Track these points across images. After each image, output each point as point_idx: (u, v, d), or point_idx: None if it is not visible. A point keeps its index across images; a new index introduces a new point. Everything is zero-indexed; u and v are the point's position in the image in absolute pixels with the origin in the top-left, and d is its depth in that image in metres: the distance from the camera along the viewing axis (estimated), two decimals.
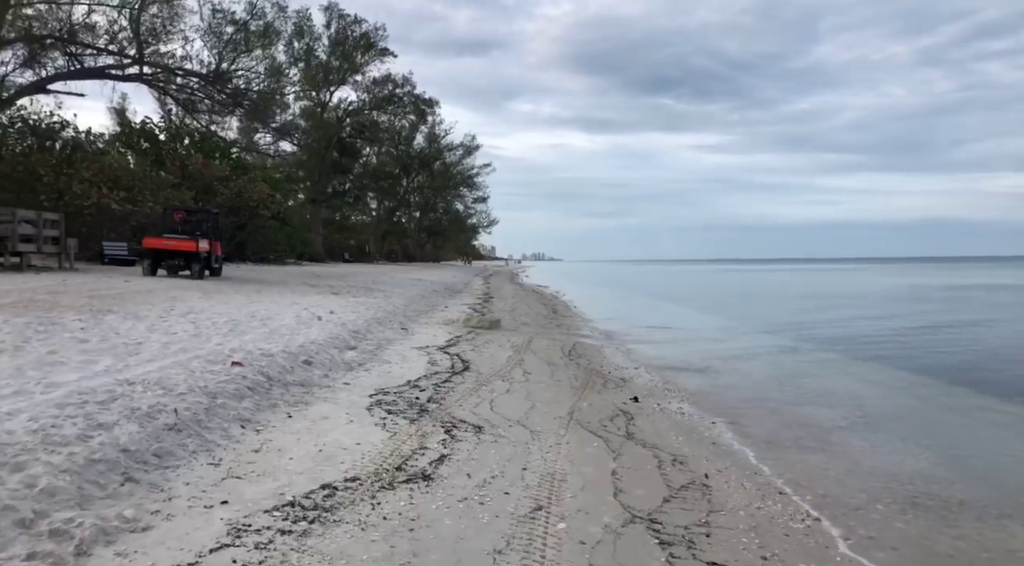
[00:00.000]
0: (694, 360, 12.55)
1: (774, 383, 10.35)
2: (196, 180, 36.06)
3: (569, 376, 9.59)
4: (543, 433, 6.14)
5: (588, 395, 8.30)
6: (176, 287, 15.30)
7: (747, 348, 14.72)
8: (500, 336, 13.62)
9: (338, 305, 14.82)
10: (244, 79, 25.30)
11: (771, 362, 12.69)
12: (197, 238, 18.38)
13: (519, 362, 10.36)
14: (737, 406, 8.46)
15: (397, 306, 16.91)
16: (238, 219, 38.65)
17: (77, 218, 25.42)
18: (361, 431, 5.62)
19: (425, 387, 7.71)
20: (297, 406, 6.36)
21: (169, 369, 6.28)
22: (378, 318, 13.61)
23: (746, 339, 16.61)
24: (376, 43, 56.33)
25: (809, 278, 67.91)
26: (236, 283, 18.62)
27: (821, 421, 7.77)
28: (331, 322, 11.53)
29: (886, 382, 10.89)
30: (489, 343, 12.31)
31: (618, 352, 13.10)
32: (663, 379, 10.18)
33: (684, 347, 14.58)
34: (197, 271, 18.23)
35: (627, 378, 9.94)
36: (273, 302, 14.20)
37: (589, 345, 13.70)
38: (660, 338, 16.09)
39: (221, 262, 20.67)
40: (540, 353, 11.68)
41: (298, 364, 7.82)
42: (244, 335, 8.84)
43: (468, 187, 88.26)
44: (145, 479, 4.04)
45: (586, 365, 10.88)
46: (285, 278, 23.50)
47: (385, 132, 65.61)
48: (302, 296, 16.55)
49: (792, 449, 6.51)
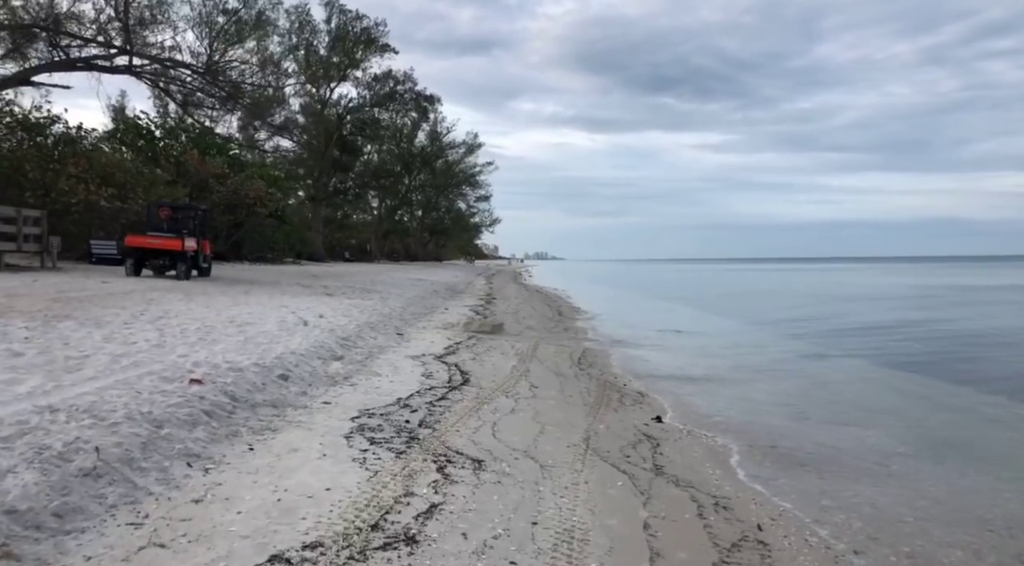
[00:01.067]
0: (715, 369, 11.52)
1: (808, 397, 9.32)
2: (191, 177, 35.17)
3: (581, 390, 8.57)
4: (556, 468, 5.13)
5: (604, 414, 7.28)
6: (157, 288, 14.31)
7: (769, 355, 13.68)
8: (503, 342, 12.61)
9: (329, 308, 13.82)
10: (237, 72, 24.28)
11: (799, 372, 11.65)
12: (183, 236, 17.38)
13: (524, 373, 9.34)
14: (774, 426, 7.43)
15: (394, 309, 15.91)
16: (234, 217, 37.74)
17: (65, 216, 24.51)
18: (334, 470, 4.60)
19: (417, 406, 6.70)
20: (263, 434, 5.35)
21: (110, 390, 5.27)
22: (372, 322, 12.60)
23: (765, 344, 15.57)
24: (377, 39, 55.31)
25: (815, 278, 66.79)
26: (224, 284, 17.63)
27: (874, 445, 6.73)
28: (318, 328, 10.52)
29: (929, 395, 9.85)
30: (491, 350, 11.29)
31: (631, 359, 12.08)
32: (685, 393, 9.16)
33: (702, 354, 13.55)
34: (183, 271, 17.22)
35: (645, 392, 8.92)
36: (259, 305, 13.20)
37: (599, 352, 12.68)
38: (674, 343, 15.06)
39: (210, 262, 19.68)
40: (547, 362, 10.67)
41: (272, 379, 6.81)
42: (215, 345, 7.83)
43: (470, 185, 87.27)
44: (30, 553, 3.03)
45: (598, 376, 9.86)
46: (279, 278, 22.51)
47: (386, 129, 64.62)
48: (292, 298, 15.55)
49: (851, 483, 5.48)
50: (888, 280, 57.51)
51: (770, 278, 68.25)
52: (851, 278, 65.03)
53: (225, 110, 25.34)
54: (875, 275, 72.40)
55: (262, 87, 25.13)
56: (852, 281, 57.93)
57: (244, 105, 26.73)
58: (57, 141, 27.14)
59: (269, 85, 25.59)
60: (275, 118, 33.40)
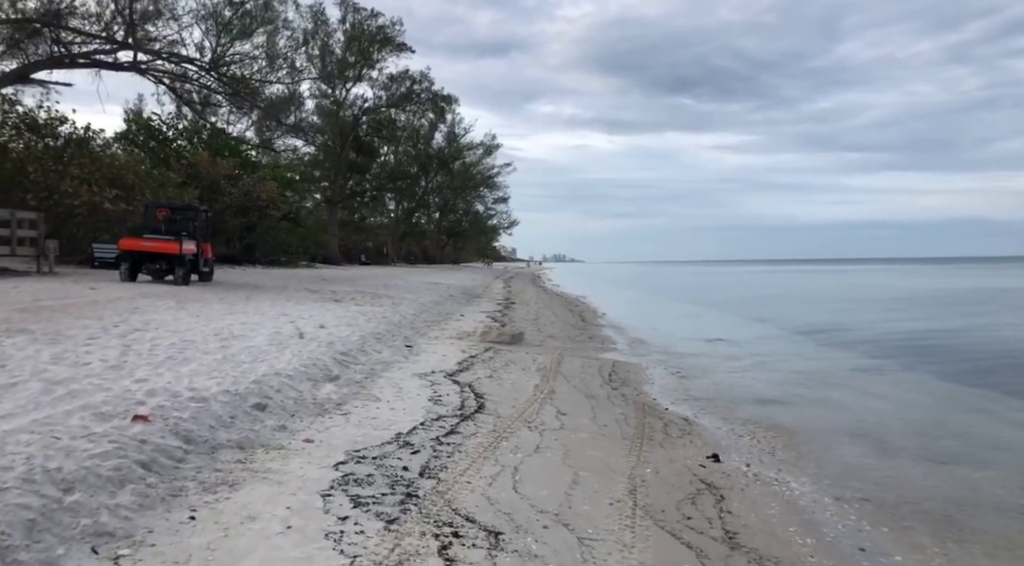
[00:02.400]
0: (765, 387, 10.17)
1: (884, 423, 7.95)
2: (202, 179, 34.34)
3: (616, 416, 7.28)
4: (598, 542, 3.84)
5: (648, 451, 5.99)
6: (148, 295, 13.22)
7: (819, 368, 12.28)
8: (523, 354, 11.34)
9: (333, 316, 12.64)
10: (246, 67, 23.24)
11: (860, 388, 10.26)
12: (182, 239, 16.32)
13: (549, 394, 8.07)
14: (857, 465, 6.09)
15: (405, 316, 14.71)
16: (246, 220, 36.86)
17: (69, 219, 23.66)
18: (297, 555, 3.36)
19: (420, 445, 5.44)
20: (216, 491, 4.12)
21: (18, 435, 4.07)
22: (378, 333, 11.39)
23: (811, 355, 14.17)
24: (393, 38, 54.31)
25: (840, 280, 64.80)
26: (225, 289, 16.54)
27: (997, 495, 5.37)
28: (316, 340, 9.32)
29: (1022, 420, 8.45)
30: (510, 365, 10.02)
31: (667, 374, 10.76)
32: (736, 418, 7.84)
33: (744, 368, 12.19)
34: (181, 276, 16.15)
35: (691, 418, 7.61)
36: (257, 313, 12.06)
37: (631, 365, 11.36)
38: (712, 354, 13.70)
39: (212, 265, 18.61)
40: (574, 379, 9.38)
41: (244, 411, 5.60)
42: (185, 365, 6.64)
43: (488, 187, 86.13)
44: None
45: (634, 397, 8.57)
46: (287, 283, 21.42)
47: (402, 130, 63.64)
48: (297, 304, 14.41)
49: (990, 560, 4.15)
50: (917, 282, 55.50)
51: (794, 280, 66.37)
52: (877, 280, 62.98)
53: (236, 108, 24.26)
54: (901, 277, 70.19)
55: (269, 83, 24.05)
56: (880, 283, 55.97)
57: (254, 103, 25.65)
58: (67, 142, 26.40)
59: (278, 81, 24.57)
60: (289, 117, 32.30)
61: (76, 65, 22.68)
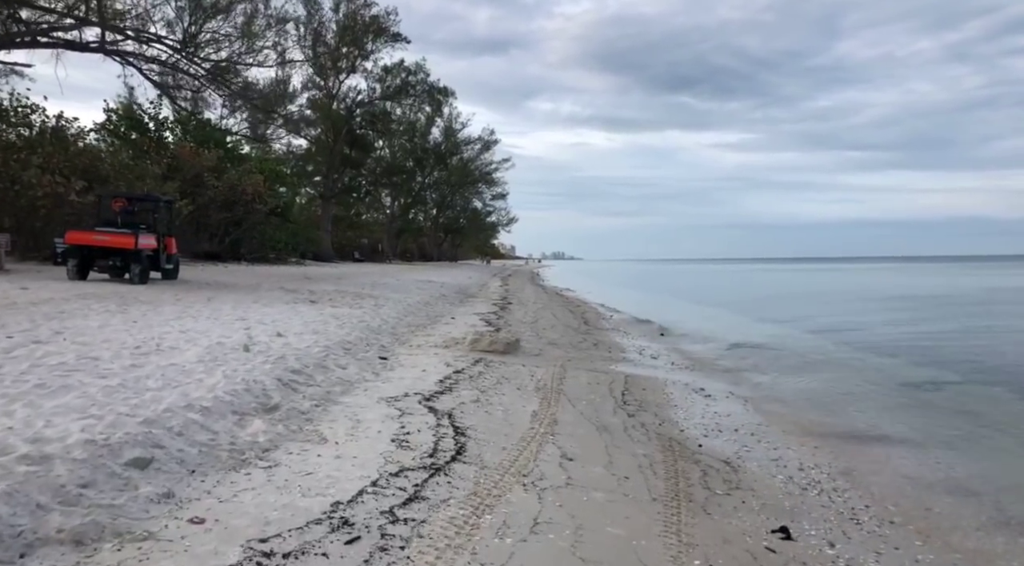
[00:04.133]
0: (810, 409, 8.45)
1: (986, 474, 6.23)
2: (184, 171, 32.64)
3: (639, 461, 5.56)
4: None
5: (691, 522, 4.27)
6: (89, 296, 11.49)
7: (867, 380, 10.56)
8: (519, 366, 9.62)
9: (300, 322, 10.91)
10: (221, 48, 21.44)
11: (921, 410, 8.56)
12: (139, 232, 14.55)
13: (550, 426, 6.34)
14: (987, 551, 4.38)
15: (386, 320, 12.99)
16: (232, 215, 35.15)
17: (32, 211, 21.97)
18: None
19: (364, 526, 3.70)
20: None
21: None
22: (349, 341, 9.67)
23: (851, 363, 12.46)
24: (388, 28, 52.51)
25: (845, 278, 63.14)
26: (188, 289, 14.79)
27: None
28: (265, 354, 7.59)
29: None
30: (503, 383, 8.30)
31: (690, 392, 9.04)
32: (791, 459, 6.12)
33: (778, 382, 10.47)
34: (138, 274, 14.38)
35: (733, 460, 5.90)
36: (209, 319, 10.33)
37: (645, 380, 9.63)
38: (736, 364, 11.98)
39: (176, 262, 16.83)
40: (580, 401, 7.66)
41: (111, 471, 3.86)
42: (55, 396, 4.90)
43: (486, 183, 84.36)
44: None
45: (656, 427, 6.85)
46: (264, 281, 19.65)
47: (398, 124, 61.83)
48: (264, 307, 12.69)
49: None
50: (926, 281, 53.85)
51: (798, 279, 64.68)
52: (883, 278, 61.31)
53: (220, 96, 22.43)
54: (907, 275, 68.53)
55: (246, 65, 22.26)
56: (888, 282, 54.29)
57: (229, 87, 23.83)
58: (41, 132, 24.79)
59: (259, 64, 22.77)
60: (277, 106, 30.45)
61: (37, 44, 20.92)
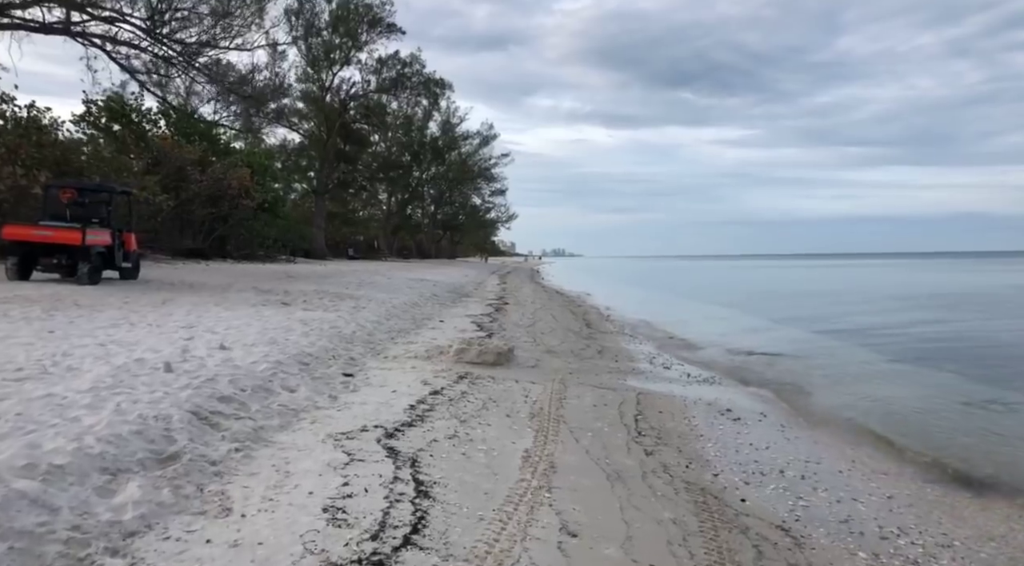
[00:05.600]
0: (861, 433, 6.92)
1: None
2: (165, 164, 31.14)
3: (668, 533, 4.02)
4: None
5: None
6: (15, 299, 9.97)
7: (925, 397, 9.03)
8: (512, 383, 8.09)
9: (258, 329, 9.38)
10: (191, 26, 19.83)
11: (1001, 437, 7.04)
12: (88, 226, 13.02)
13: (547, 477, 4.81)
14: None
15: (363, 325, 11.46)
16: (217, 210, 33.66)
17: None
18: None
19: None
20: None
21: None
22: (310, 354, 8.15)
23: (898, 375, 10.94)
24: (383, 18, 50.91)
25: (849, 275, 61.54)
26: (143, 291, 13.26)
27: None
28: (190, 375, 6.06)
29: None
30: (490, 408, 6.76)
31: (716, 415, 7.51)
32: (865, 517, 4.60)
33: (814, 396, 8.93)
34: (86, 273, 12.85)
35: (789, 523, 4.37)
36: (149, 327, 8.82)
37: (662, 400, 8.09)
38: (762, 375, 10.45)
39: (136, 260, 15.28)
40: (585, 434, 6.13)
41: None
42: None
43: (485, 179, 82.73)
44: None
45: (682, 472, 5.32)
46: (237, 281, 18.10)
47: (392, 116, 60.17)
48: (223, 311, 11.18)
49: None
50: (937, 278, 52.33)
51: (803, 275, 63.17)
52: (892, 275, 59.75)
53: (185, 75, 20.77)
54: (916, 272, 66.94)
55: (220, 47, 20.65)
56: (897, 278, 52.76)
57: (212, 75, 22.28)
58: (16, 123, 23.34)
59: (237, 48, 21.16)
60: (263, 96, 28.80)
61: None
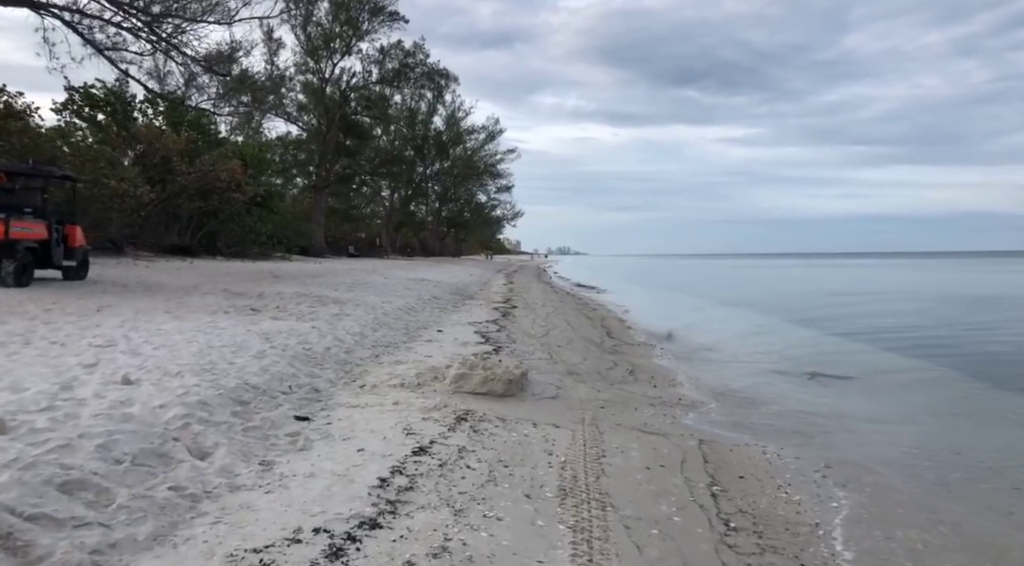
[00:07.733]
0: None
1: None
2: (147, 156, 29.18)
3: None
4: None
5: None
6: None
7: None
8: (529, 428, 5.91)
9: (197, 348, 7.24)
10: None
11: None
12: (14, 217, 10.91)
13: None
14: None
15: (342, 338, 9.31)
16: (206, 204, 31.64)
17: None
18: None
19: None
20: None
21: None
22: (253, 385, 5.99)
23: (992, 409, 8.74)
24: (384, 6, 48.77)
25: (873, 275, 59.13)
26: (81, 294, 11.12)
27: None
28: (37, 435, 3.91)
29: None
30: (500, 478, 4.57)
31: (818, 482, 5.32)
32: None
33: (933, 445, 6.73)
34: (12, 273, 10.75)
35: None
36: (52, 344, 6.70)
37: (733, 454, 5.89)
38: (840, 409, 8.24)
39: (83, 256, 13.17)
40: (646, 531, 3.93)
41: None
42: None
43: (491, 175, 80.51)
44: None
45: None
46: (208, 281, 15.94)
47: (395, 109, 57.99)
48: (172, 321, 9.05)
49: None
50: (963, 278, 49.93)
51: (818, 274, 60.82)
52: (909, 275, 57.32)
53: (148, 43, 18.48)
54: (933, 272, 64.40)
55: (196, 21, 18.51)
56: (916, 278, 50.38)
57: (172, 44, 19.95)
58: None
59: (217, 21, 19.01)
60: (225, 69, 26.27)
61: None
